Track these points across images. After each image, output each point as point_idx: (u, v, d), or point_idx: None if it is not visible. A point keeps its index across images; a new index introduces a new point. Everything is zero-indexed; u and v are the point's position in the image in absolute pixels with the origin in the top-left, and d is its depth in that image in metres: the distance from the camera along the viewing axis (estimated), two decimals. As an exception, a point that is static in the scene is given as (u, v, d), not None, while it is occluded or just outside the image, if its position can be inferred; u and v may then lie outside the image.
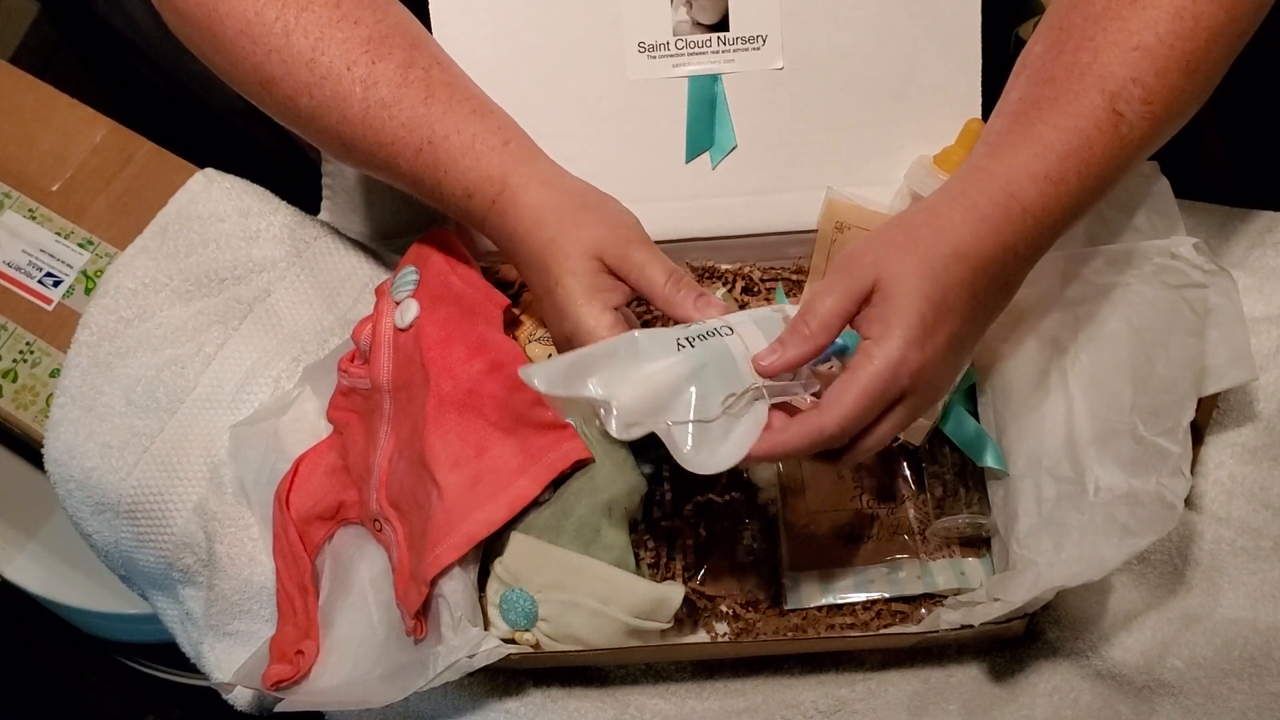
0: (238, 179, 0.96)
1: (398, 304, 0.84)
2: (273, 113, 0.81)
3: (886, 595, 0.82)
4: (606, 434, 0.81)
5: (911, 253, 0.66)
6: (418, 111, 0.76)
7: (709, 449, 0.65)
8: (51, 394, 0.92)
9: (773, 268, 0.93)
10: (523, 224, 0.74)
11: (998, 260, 0.68)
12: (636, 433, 0.64)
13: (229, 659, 0.87)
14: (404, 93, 0.76)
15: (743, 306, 0.92)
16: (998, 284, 0.69)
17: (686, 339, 0.67)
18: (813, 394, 0.69)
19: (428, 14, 0.85)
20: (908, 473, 0.86)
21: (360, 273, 0.95)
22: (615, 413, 0.64)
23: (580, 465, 0.80)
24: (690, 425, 0.65)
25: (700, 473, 0.64)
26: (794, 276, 0.93)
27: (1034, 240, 0.70)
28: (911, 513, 0.85)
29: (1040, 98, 0.71)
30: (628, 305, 0.76)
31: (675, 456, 0.64)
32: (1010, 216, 0.68)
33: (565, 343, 0.75)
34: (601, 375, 0.65)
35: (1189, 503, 0.82)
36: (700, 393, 0.65)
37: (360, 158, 0.79)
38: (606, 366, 0.65)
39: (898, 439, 0.85)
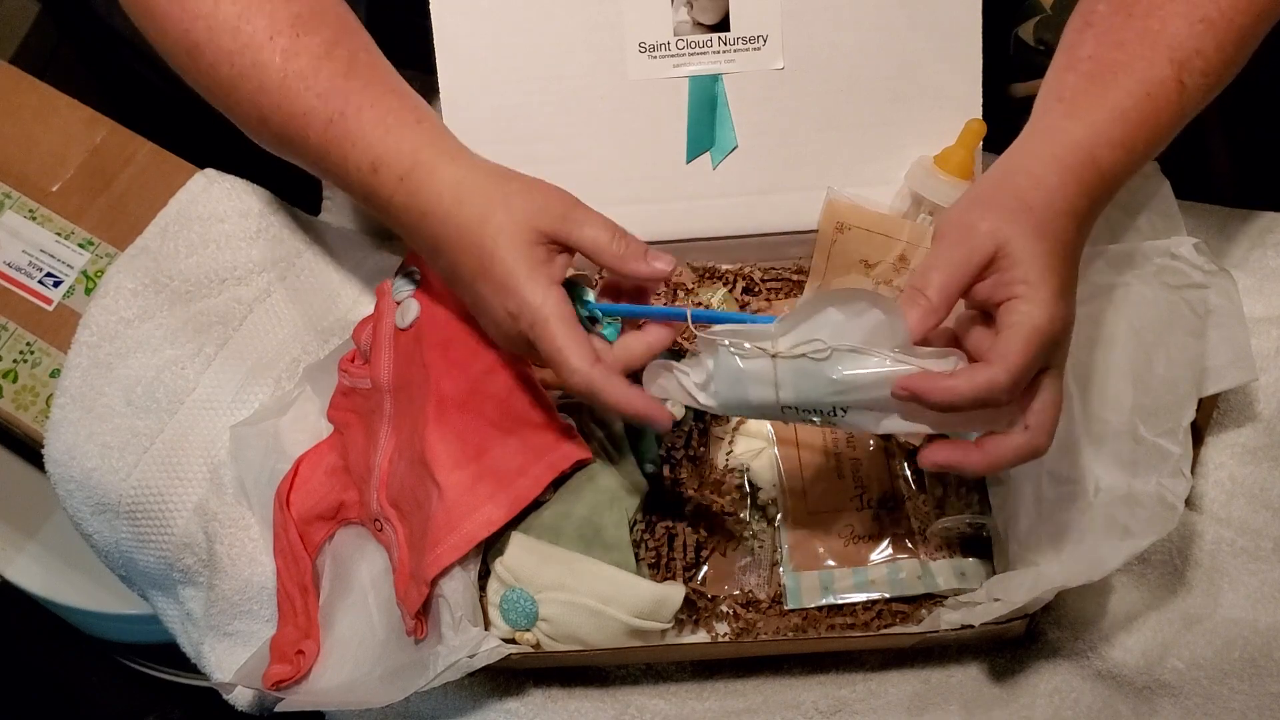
0: (238, 179, 0.96)
1: (398, 304, 0.84)
2: (197, 83, 0.79)
3: (887, 595, 0.82)
4: (608, 435, 0.82)
5: (1029, 217, 0.67)
6: (335, 84, 0.74)
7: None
8: (52, 394, 0.91)
9: (773, 268, 0.93)
10: (443, 202, 0.72)
11: (1086, 218, 0.70)
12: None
13: (229, 659, 0.87)
14: (323, 65, 0.75)
15: (743, 307, 0.92)
16: (1084, 240, 0.71)
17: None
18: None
19: (428, 14, 0.85)
20: (908, 473, 0.86)
21: (360, 273, 0.96)
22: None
23: (581, 465, 0.80)
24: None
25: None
26: (794, 277, 0.93)
27: (1104, 200, 0.72)
28: (912, 513, 0.85)
29: (1114, 61, 0.72)
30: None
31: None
32: (1091, 179, 0.70)
33: (509, 320, 0.70)
34: None
35: (1189, 503, 0.82)
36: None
37: (274, 130, 0.77)
38: None
39: (899, 440, 0.85)
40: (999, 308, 0.66)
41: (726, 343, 0.68)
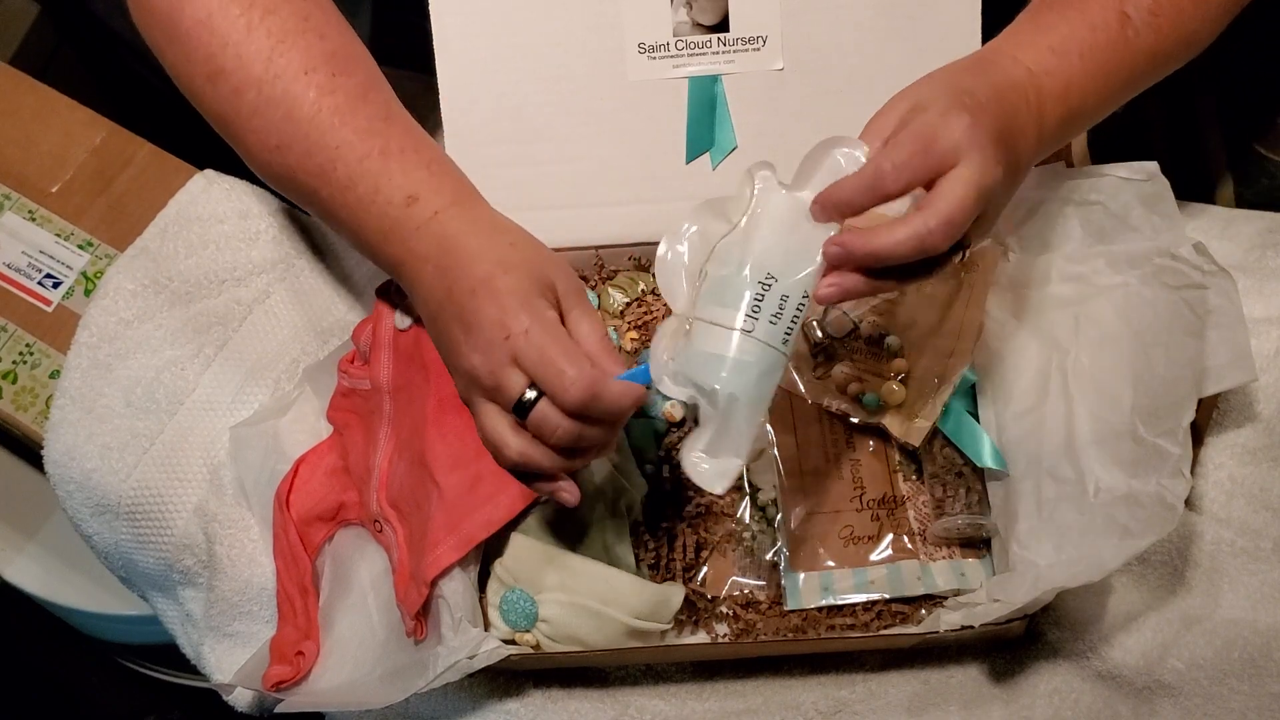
0: (237, 180, 0.96)
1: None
2: (210, 108, 0.79)
3: (886, 596, 0.82)
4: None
5: (947, 87, 0.68)
6: (375, 125, 0.75)
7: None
8: (51, 395, 0.92)
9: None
10: (479, 227, 0.72)
11: (1011, 109, 0.70)
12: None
13: (229, 660, 0.87)
14: (361, 106, 0.75)
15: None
16: (1013, 138, 0.70)
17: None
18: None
19: (427, 14, 0.85)
20: (908, 473, 0.86)
21: (360, 274, 0.96)
22: None
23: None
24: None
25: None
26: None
27: (1038, 107, 0.72)
28: (911, 513, 0.85)
29: (1055, 0, 0.75)
30: None
31: None
32: (1017, 76, 0.72)
33: (497, 329, 0.67)
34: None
35: (1189, 504, 0.82)
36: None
37: (289, 160, 0.76)
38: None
39: (898, 440, 0.85)
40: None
41: (665, 356, 0.68)
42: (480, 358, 0.67)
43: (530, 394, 0.66)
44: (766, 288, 0.67)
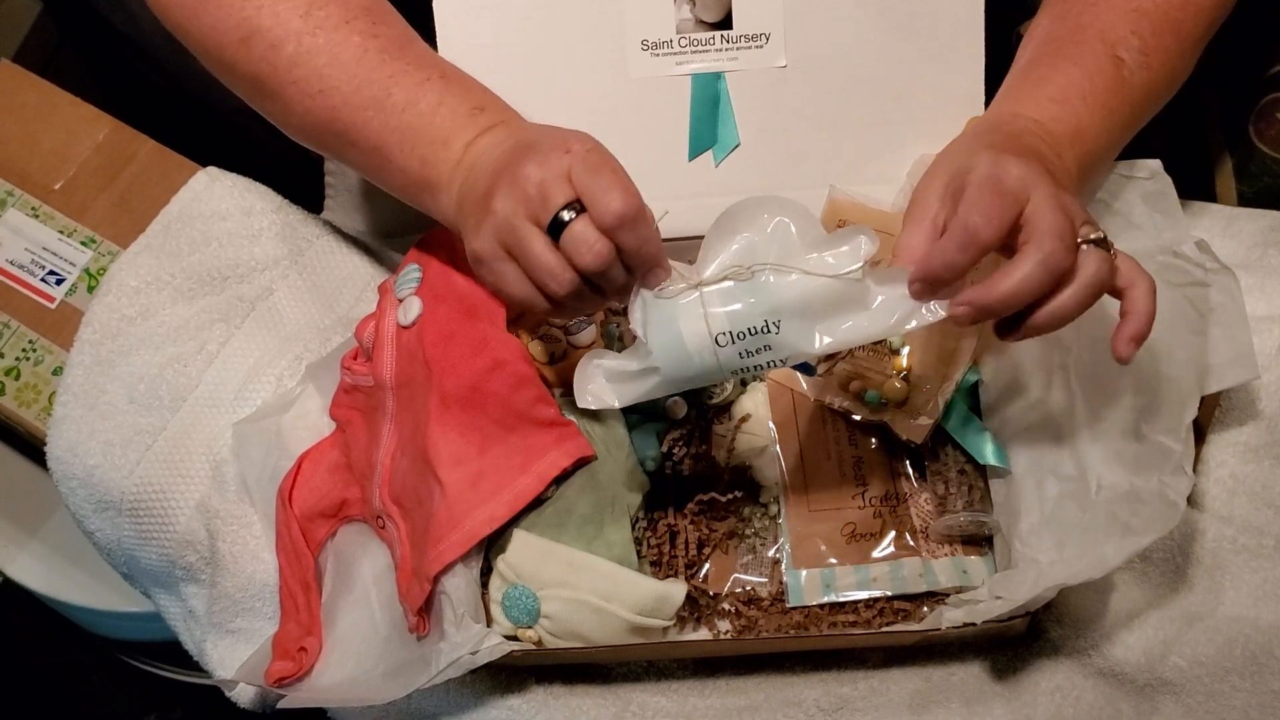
0: (240, 177, 0.96)
1: (400, 301, 0.84)
2: (243, 70, 0.79)
3: (889, 593, 0.82)
4: (610, 433, 0.82)
5: (975, 148, 0.71)
6: (427, 60, 0.78)
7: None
8: (54, 392, 0.92)
9: (775, 266, 0.93)
10: (533, 128, 0.75)
11: (1035, 151, 0.72)
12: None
13: (232, 656, 0.87)
14: (409, 47, 0.79)
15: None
16: (1051, 166, 0.72)
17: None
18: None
19: (430, 12, 0.85)
20: (910, 471, 0.86)
21: (362, 271, 0.96)
22: None
23: (582, 463, 0.80)
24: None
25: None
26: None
27: (1055, 150, 0.74)
28: (914, 511, 0.85)
29: (1045, 54, 0.79)
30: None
31: None
32: (1023, 127, 0.74)
33: (558, 147, 0.70)
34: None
35: (1191, 501, 0.82)
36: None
37: (336, 101, 0.77)
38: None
39: (901, 437, 0.85)
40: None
41: (652, 290, 0.70)
42: (534, 168, 0.69)
43: (568, 214, 0.68)
44: (765, 331, 0.68)
